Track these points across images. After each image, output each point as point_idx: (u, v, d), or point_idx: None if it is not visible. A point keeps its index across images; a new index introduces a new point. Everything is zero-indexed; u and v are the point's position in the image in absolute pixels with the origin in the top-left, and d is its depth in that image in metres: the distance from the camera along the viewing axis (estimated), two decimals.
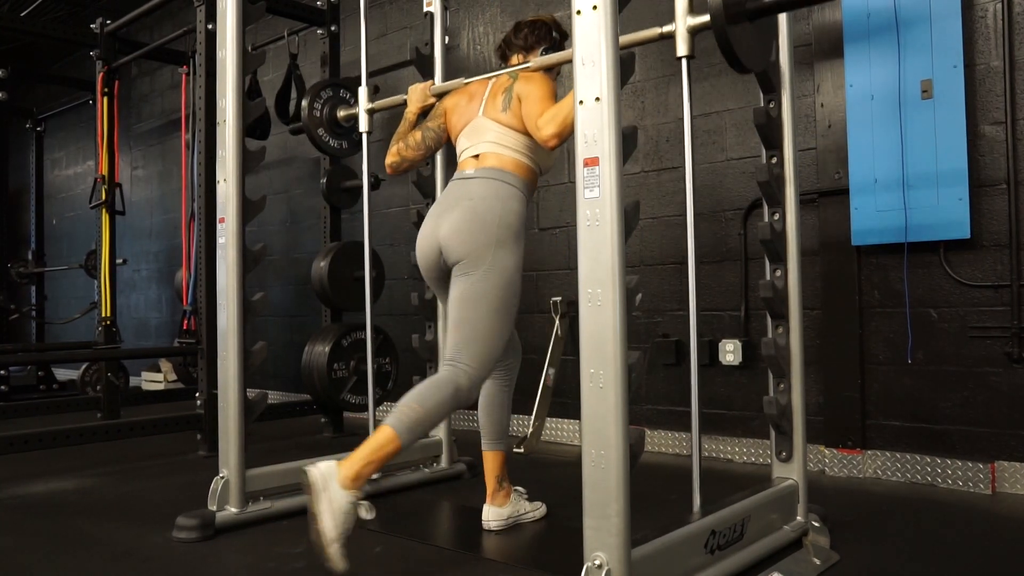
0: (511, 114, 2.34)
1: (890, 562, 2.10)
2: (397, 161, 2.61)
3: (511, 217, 2.25)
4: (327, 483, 1.91)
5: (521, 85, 2.34)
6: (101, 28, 4.60)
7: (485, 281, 2.20)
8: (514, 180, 2.30)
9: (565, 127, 2.15)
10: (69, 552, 2.31)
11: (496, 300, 2.21)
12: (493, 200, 2.25)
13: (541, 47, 2.51)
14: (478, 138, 2.38)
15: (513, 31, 2.56)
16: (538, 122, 2.21)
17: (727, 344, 3.33)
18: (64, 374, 6.43)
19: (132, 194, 6.79)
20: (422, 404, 2.09)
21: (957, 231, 2.77)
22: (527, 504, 2.54)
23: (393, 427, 2.03)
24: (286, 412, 4.31)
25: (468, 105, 2.46)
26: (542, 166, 2.41)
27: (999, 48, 2.78)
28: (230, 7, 2.53)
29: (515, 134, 2.33)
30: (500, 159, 2.32)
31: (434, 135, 2.57)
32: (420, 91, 2.66)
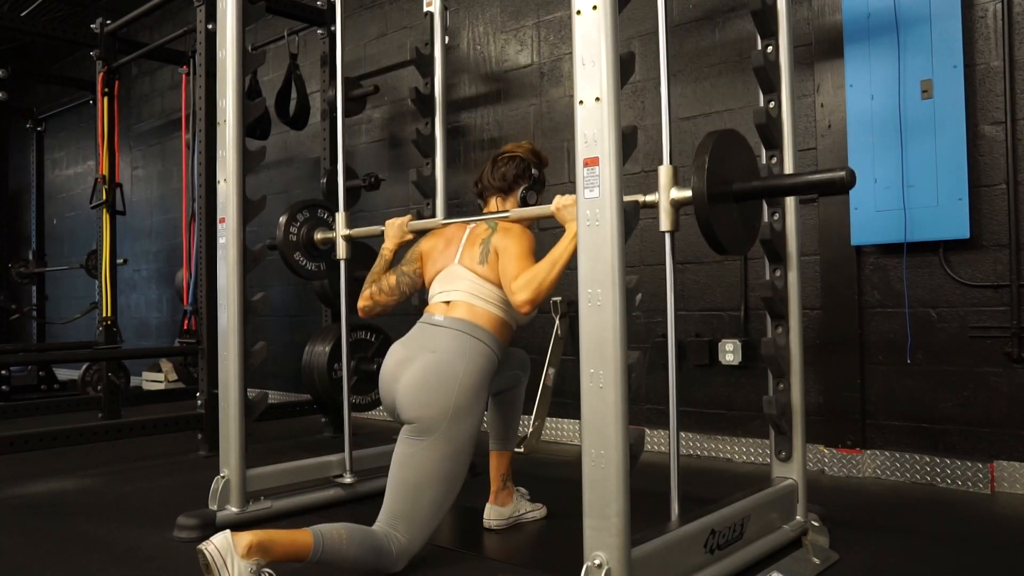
0: (487, 267, 2.24)
1: (890, 562, 2.10)
2: (370, 305, 2.48)
3: (473, 378, 2.11)
4: (226, 558, 1.78)
5: (499, 238, 2.25)
6: (101, 28, 4.60)
7: (433, 450, 2.05)
8: (483, 335, 2.18)
9: (539, 294, 2.08)
10: (69, 552, 2.31)
11: (443, 470, 2.05)
12: (457, 357, 2.12)
13: (520, 187, 2.42)
14: (452, 285, 2.28)
15: (491, 168, 2.46)
16: (512, 286, 2.12)
17: (727, 344, 3.33)
18: (65, 374, 6.43)
19: (132, 194, 6.79)
20: (351, 542, 1.93)
21: (957, 231, 2.77)
22: (528, 504, 2.54)
23: (314, 538, 1.89)
24: (286, 412, 4.32)
25: (444, 251, 2.38)
26: (516, 320, 2.31)
27: (999, 48, 2.78)
28: (230, 7, 2.53)
29: (490, 287, 2.24)
30: (472, 311, 2.21)
31: (409, 280, 2.46)
32: (397, 227, 2.59)
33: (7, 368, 5.43)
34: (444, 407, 2.06)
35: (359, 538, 1.95)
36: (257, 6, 2.62)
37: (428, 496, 2.04)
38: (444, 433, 2.05)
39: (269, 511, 2.56)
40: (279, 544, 1.84)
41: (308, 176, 5.29)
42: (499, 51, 4.26)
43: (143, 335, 7.01)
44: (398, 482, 2.06)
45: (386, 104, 4.84)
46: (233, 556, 1.79)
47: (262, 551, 1.81)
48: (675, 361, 1.97)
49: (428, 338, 2.19)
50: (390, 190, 4.70)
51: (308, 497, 2.70)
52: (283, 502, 2.61)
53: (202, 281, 3.82)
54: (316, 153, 4.91)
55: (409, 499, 2.04)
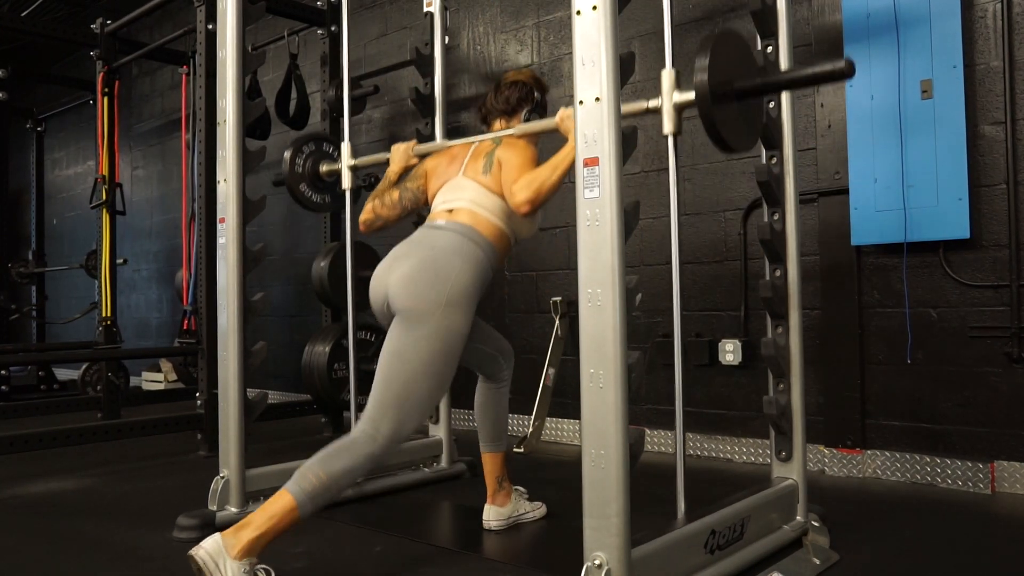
0: (491, 177, 2.27)
1: (890, 562, 2.10)
2: (371, 219, 2.50)
3: (468, 277, 2.11)
4: (218, 562, 1.78)
5: (503, 151, 2.28)
6: (101, 28, 4.60)
7: (425, 342, 2.04)
8: (482, 241, 2.20)
9: (540, 194, 2.10)
10: (69, 552, 2.31)
11: (431, 365, 2.05)
12: (454, 256, 2.13)
13: (523, 109, 2.45)
14: (455, 195, 2.31)
15: (493, 93, 2.49)
16: (513, 188, 2.14)
17: (727, 344, 3.33)
18: (64, 374, 6.43)
19: (132, 194, 6.79)
20: (327, 471, 1.92)
21: (957, 231, 2.77)
22: (527, 504, 2.54)
23: (293, 495, 1.88)
24: (286, 412, 4.31)
25: (448, 166, 2.40)
26: (518, 234, 2.32)
27: (999, 48, 2.78)
28: (230, 7, 2.53)
29: (493, 197, 2.26)
30: (474, 217, 2.23)
31: (412, 196, 2.48)
32: (403, 151, 2.60)
33: (7, 368, 5.43)
34: (437, 299, 2.05)
35: (340, 464, 1.95)
36: (257, 6, 2.62)
37: (417, 390, 2.04)
38: (435, 327, 2.05)
39: None
40: (269, 532, 1.86)
41: None
42: (499, 51, 4.26)
43: (143, 335, 7.01)
44: (388, 375, 2.06)
45: (386, 104, 4.84)
46: (225, 559, 1.80)
47: (253, 549, 1.83)
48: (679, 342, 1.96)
49: (427, 238, 2.22)
50: None
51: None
52: None
53: (202, 281, 3.82)
54: None
55: (398, 391, 2.04)
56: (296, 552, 2.24)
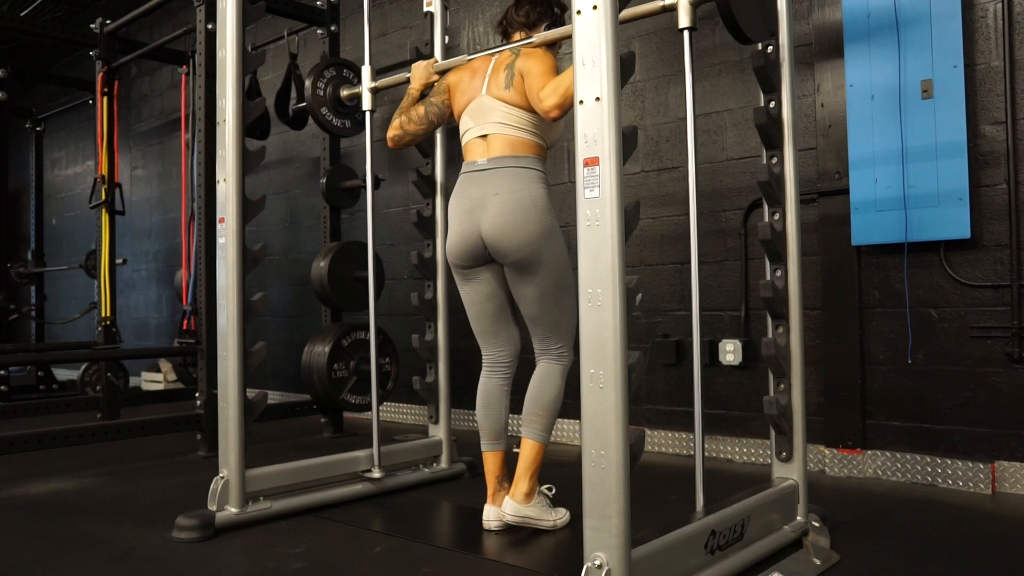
0: (514, 91, 2.36)
1: (890, 562, 2.10)
2: (399, 135, 2.60)
3: (541, 201, 2.32)
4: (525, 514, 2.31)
5: (523, 61, 2.35)
6: (101, 28, 4.60)
7: (549, 277, 2.33)
8: (528, 162, 2.35)
9: (567, 98, 2.18)
10: (69, 552, 2.31)
11: (562, 287, 2.35)
12: (519, 191, 2.31)
13: (543, 23, 2.52)
14: (483, 118, 2.41)
15: (515, 7, 2.55)
16: (540, 94, 2.24)
17: (727, 344, 3.33)
18: (64, 374, 6.43)
19: (132, 194, 6.79)
20: (542, 406, 2.36)
21: (957, 231, 2.77)
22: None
23: (532, 438, 2.33)
24: (286, 412, 4.31)
25: (471, 82, 2.47)
26: (548, 140, 2.43)
27: (999, 48, 2.77)
28: (230, 7, 2.53)
29: (519, 112, 2.36)
30: (509, 142, 2.36)
31: (437, 111, 2.57)
32: (424, 68, 2.68)
33: (6, 368, 5.43)
34: (533, 233, 2.30)
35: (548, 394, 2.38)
36: (257, 6, 2.62)
37: (562, 307, 2.38)
38: (549, 258, 2.32)
39: (269, 511, 2.55)
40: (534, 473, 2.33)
41: (308, 176, 5.29)
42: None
43: (142, 335, 7.01)
44: (536, 313, 2.39)
45: (386, 104, 4.84)
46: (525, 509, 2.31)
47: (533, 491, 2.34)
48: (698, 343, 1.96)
49: (482, 185, 2.37)
50: (390, 190, 4.70)
51: (309, 497, 2.69)
52: (283, 502, 2.61)
53: (201, 281, 3.81)
54: (316, 153, 4.91)
55: (552, 320, 2.39)
56: (296, 552, 2.24)
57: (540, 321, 2.39)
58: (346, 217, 4.43)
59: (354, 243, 4.12)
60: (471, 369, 2.60)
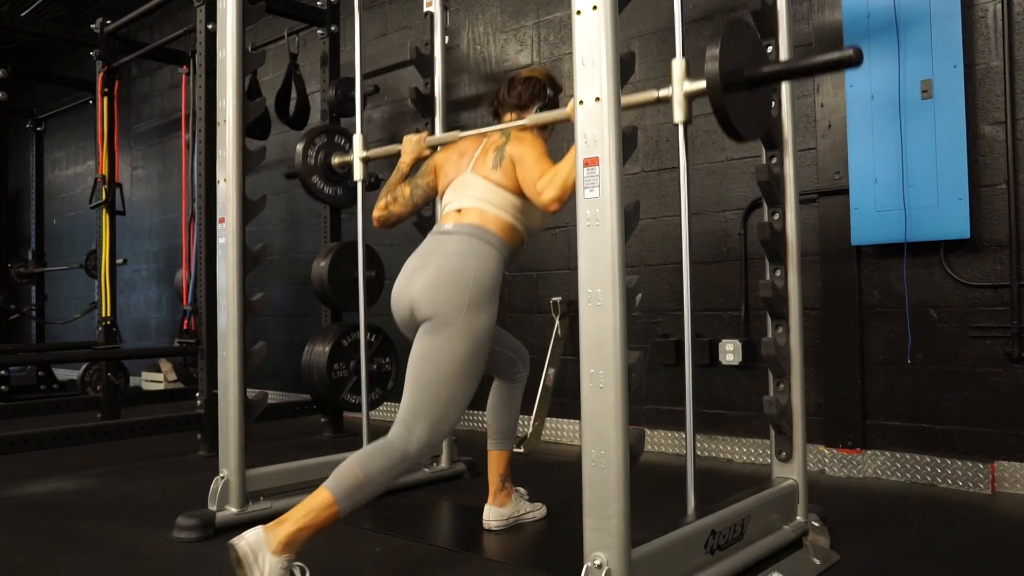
0: (501, 172, 2.25)
1: (890, 562, 2.10)
2: (385, 215, 2.52)
3: (485, 278, 2.13)
4: (257, 554, 1.80)
5: (514, 146, 2.26)
6: (101, 28, 4.60)
7: (451, 344, 2.06)
8: (494, 239, 2.19)
9: (565, 190, 2.07)
10: (69, 552, 2.31)
11: (460, 365, 2.07)
12: (468, 257, 2.14)
13: (535, 105, 2.43)
14: (463, 192, 2.30)
15: (507, 88, 2.48)
16: (537, 186, 2.12)
17: (727, 344, 3.33)
18: (64, 374, 6.43)
19: (132, 194, 6.79)
20: (364, 470, 1.95)
21: (957, 231, 2.77)
22: (528, 504, 2.54)
23: (332, 492, 1.90)
24: (286, 412, 4.31)
25: (458, 162, 2.39)
26: (531, 227, 2.31)
27: (999, 48, 2.78)
28: (230, 7, 2.53)
29: (503, 192, 2.24)
30: (482, 216, 2.22)
31: (423, 192, 2.50)
32: (415, 142, 2.61)
33: (7, 368, 5.43)
34: (459, 302, 2.08)
35: (376, 464, 1.98)
36: (257, 6, 2.62)
37: (447, 391, 2.06)
38: (460, 327, 2.07)
39: (269, 511, 2.55)
40: (308, 528, 1.87)
41: None
42: (499, 51, 4.26)
43: (143, 335, 7.01)
44: (417, 379, 2.09)
45: (386, 104, 4.84)
46: (265, 552, 1.81)
47: (293, 545, 1.85)
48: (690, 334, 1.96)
49: (440, 245, 2.22)
50: None
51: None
52: (283, 502, 2.60)
53: (202, 281, 3.81)
54: None
55: (429, 395, 2.06)
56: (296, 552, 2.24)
57: (421, 388, 2.07)
58: (346, 217, 4.43)
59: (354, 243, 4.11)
60: None
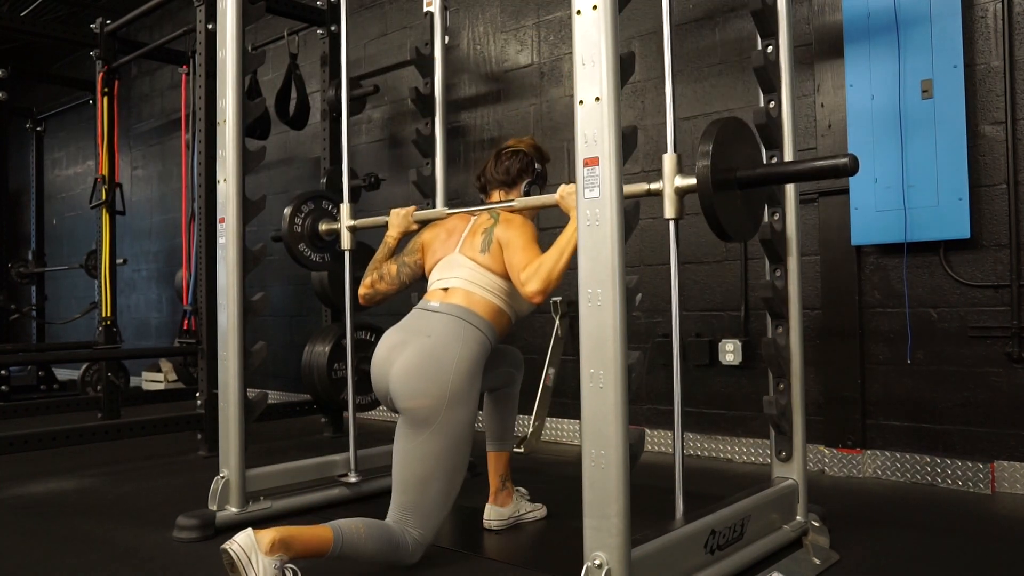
0: (490, 256, 2.24)
1: (890, 562, 2.10)
2: (371, 293, 2.52)
3: (467, 363, 2.09)
4: (250, 556, 1.79)
5: (502, 230, 2.25)
6: (101, 28, 4.60)
7: (432, 442, 2.05)
8: (479, 323, 2.17)
9: (549, 283, 2.07)
10: (69, 552, 2.31)
11: (445, 460, 2.06)
12: (451, 341, 2.10)
13: (523, 181, 2.43)
14: (450, 272, 2.28)
15: (494, 162, 2.47)
16: (521, 276, 2.12)
17: (727, 344, 3.33)
18: (64, 374, 6.43)
19: (132, 194, 6.79)
20: (369, 535, 1.96)
21: (957, 231, 2.77)
22: (528, 504, 2.54)
23: (334, 533, 1.91)
24: (286, 412, 4.31)
25: (446, 241, 2.37)
26: (518, 311, 2.30)
27: (999, 48, 2.78)
28: (230, 7, 2.53)
29: (491, 275, 2.23)
30: (469, 298, 2.20)
31: (409, 271, 2.48)
32: (403, 216, 2.58)
33: (7, 368, 5.43)
34: (439, 395, 2.04)
35: (376, 533, 1.98)
36: (257, 6, 2.62)
37: (434, 488, 2.06)
38: (441, 424, 2.05)
39: (269, 511, 2.56)
40: (300, 540, 1.86)
41: (308, 176, 5.28)
42: (499, 51, 4.26)
43: (143, 335, 7.01)
44: (402, 479, 2.08)
45: (386, 104, 4.84)
46: (257, 553, 1.80)
47: (284, 547, 1.83)
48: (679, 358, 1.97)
49: (423, 323, 2.18)
50: (390, 190, 4.69)
51: (309, 497, 2.69)
52: (283, 502, 2.61)
53: (202, 281, 3.81)
54: (316, 153, 4.91)
55: (416, 493, 2.06)
56: None
57: (407, 489, 2.06)
58: None
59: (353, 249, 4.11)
60: None
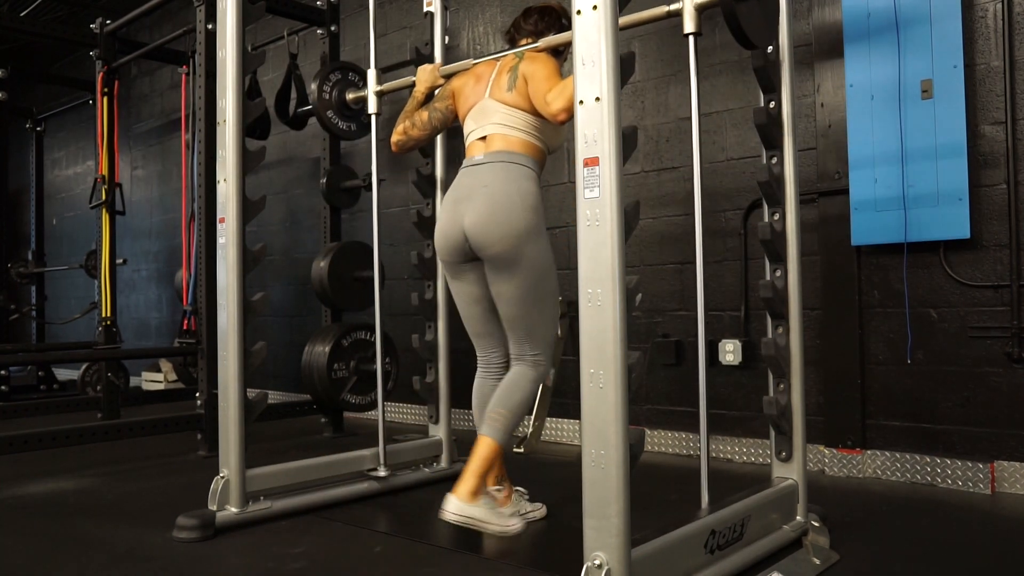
0: (516, 93, 2.36)
1: (890, 562, 2.10)
2: (403, 140, 2.63)
3: (529, 198, 2.28)
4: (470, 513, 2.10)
5: (526, 65, 2.36)
6: (101, 28, 4.60)
7: (528, 278, 2.27)
8: (523, 160, 2.33)
9: (572, 101, 2.15)
10: (69, 552, 2.31)
11: (542, 291, 2.30)
12: (508, 184, 2.28)
13: (550, 33, 2.53)
14: (484, 119, 2.41)
15: (523, 16, 2.59)
16: (547, 98, 2.23)
17: (727, 344, 3.33)
18: (64, 374, 6.43)
19: (132, 194, 6.79)
20: (507, 406, 2.23)
21: (957, 231, 2.77)
22: (528, 504, 2.54)
23: (489, 435, 2.19)
24: (286, 412, 4.31)
25: (475, 87, 2.48)
26: (550, 145, 2.44)
27: (999, 48, 2.78)
28: (230, 7, 2.53)
29: (521, 114, 2.36)
30: (507, 140, 2.35)
31: (441, 116, 2.59)
32: (429, 71, 2.70)
33: (7, 368, 5.43)
34: (517, 233, 2.24)
35: (514, 397, 2.26)
36: (257, 6, 2.62)
37: (540, 313, 2.32)
38: (529, 258, 2.26)
39: (269, 511, 2.56)
40: (485, 471, 2.16)
41: (308, 176, 5.29)
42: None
43: (143, 335, 7.01)
44: (512, 316, 2.32)
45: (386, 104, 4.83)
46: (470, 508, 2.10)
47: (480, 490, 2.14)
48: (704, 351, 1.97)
49: (476, 178, 2.34)
50: (390, 190, 4.70)
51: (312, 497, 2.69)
52: (283, 502, 2.61)
53: (202, 281, 3.81)
54: (316, 153, 4.91)
55: (527, 325, 2.32)
56: (296, 552, 2.24)
57: (516, 324, 2.34)
58: (346, 217, 4.43)
59: (354, 243, 4.12)
60: (471, 369, 2.60)
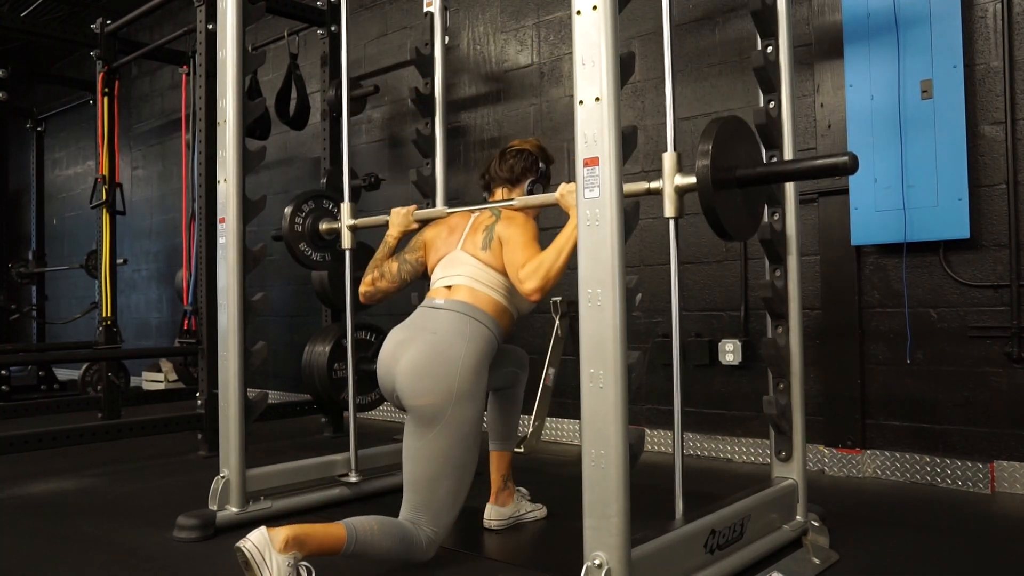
0: (491, 253, 2.25)
1: (890, 562, 2.10)
2: (371, 291, 2.51)
3: (473, 359, 2.10)
4: (264, 553, 1.78)
5: (503, 227, 2.26)
6: (101, 28, 4.60)
7: (441, 440, 2.05)
8: (485, 319, 2.18)
9: (547, 281, 2.08)
10: (69, 552, 2.31)
11: (454, 458, 2.06)
12: (457, 338, 2.11)
13: (527, 180, 2.44)
14: (453, 270, 2.29)
15: (498, 160, 2.48)
16: (520, 274, 2.13)
17: (727, 344, 3.33)
18: (65, 374, 6.43)
19: (132, 194, 6.78)
20: (383, 533, 1.95)
21: (957, 231, 2.77)
22: (529, 504, 2.54)
23: (348, 530, 1.90)
24: (286, 412, 4.31)
25: (447, 239, 2.38)
26: (519, 309, 2.31)
27: (999, 48, 2.78)
28: (230, 7, 2.53)
29: (493, 272, 2.24)
30: (474, 295, 2.21)
31: (411, 268, 2.47)
32: (403, 216, 2.57)
33: (7, 368, 5.43)
34: (446, 392, 2.05)
35: (390, 530, 1.98)
36: (257, 6, 2.62)
37: (444, 486, 2.06)
38: (449, 421, 2.05)
39: (269, 511, 2.56)
40: (314, 537, 1.85)
41: (308, 176, 5.28)
42: (499, 51, 4.26)
43: (143, 335, 7.01)
44: (413, 477, 2.08)
45: (386, 104, 4.84)
46: (271, 551, 1.79)
47: (298, 545, 1.81)
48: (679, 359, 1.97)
49: (428, 320, 2.19)
50: (390, 190, 4.69)
51: (310, 497, 2.70)
52: (283, 502, 2.61)
53: (202, 281, 3.82)
54: (316, 153, 4.91)
55: (427, 491, 2.06)
56: None
57: (418, 488, 2.06)
58: None
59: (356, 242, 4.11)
60: None
